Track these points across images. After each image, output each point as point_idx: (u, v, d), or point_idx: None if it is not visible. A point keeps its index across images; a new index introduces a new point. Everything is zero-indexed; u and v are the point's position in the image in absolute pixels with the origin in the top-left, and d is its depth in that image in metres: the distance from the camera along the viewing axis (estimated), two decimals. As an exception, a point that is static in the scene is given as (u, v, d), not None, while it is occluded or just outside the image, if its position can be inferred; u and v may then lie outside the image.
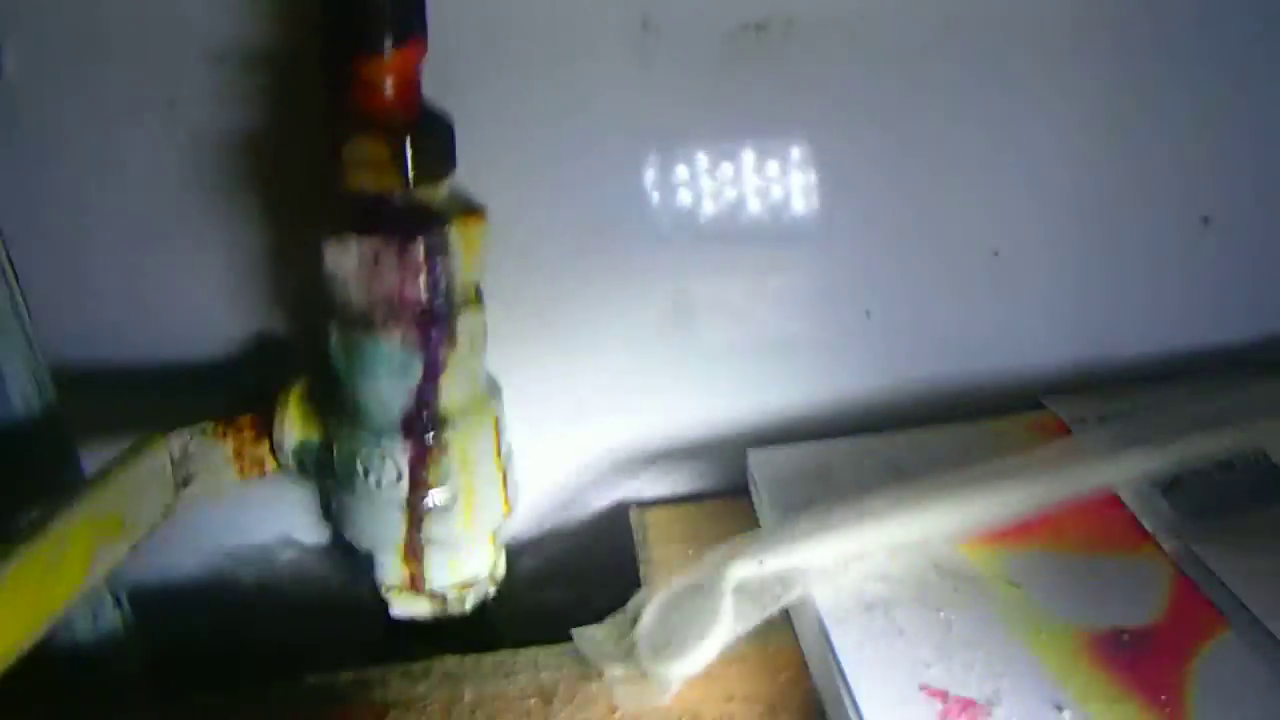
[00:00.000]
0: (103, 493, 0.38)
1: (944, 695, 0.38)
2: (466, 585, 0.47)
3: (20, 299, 0.43)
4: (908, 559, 0.44)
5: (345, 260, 0.40)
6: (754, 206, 0.50)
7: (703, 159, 0.48)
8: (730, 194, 0.49)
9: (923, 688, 0.39)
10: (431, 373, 0.42)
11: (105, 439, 0.45)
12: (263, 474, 0.45)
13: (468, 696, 0.42)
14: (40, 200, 0.45)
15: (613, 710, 0.42)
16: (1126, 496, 0.47)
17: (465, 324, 0.42)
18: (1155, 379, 0.55)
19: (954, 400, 0.54)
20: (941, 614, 0.42)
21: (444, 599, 0.47)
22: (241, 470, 0.45)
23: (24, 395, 0.43)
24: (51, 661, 0.46)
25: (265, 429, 0.45)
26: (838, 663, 0.40)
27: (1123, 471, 0.48)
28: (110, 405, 0.48)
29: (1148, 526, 0.45)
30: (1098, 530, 0.46)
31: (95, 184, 0.45)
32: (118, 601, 0.48)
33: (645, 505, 0.54)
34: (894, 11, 0.47)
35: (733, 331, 0.52)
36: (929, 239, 0.52)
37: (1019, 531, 0.45)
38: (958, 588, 0.43)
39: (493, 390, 0.46)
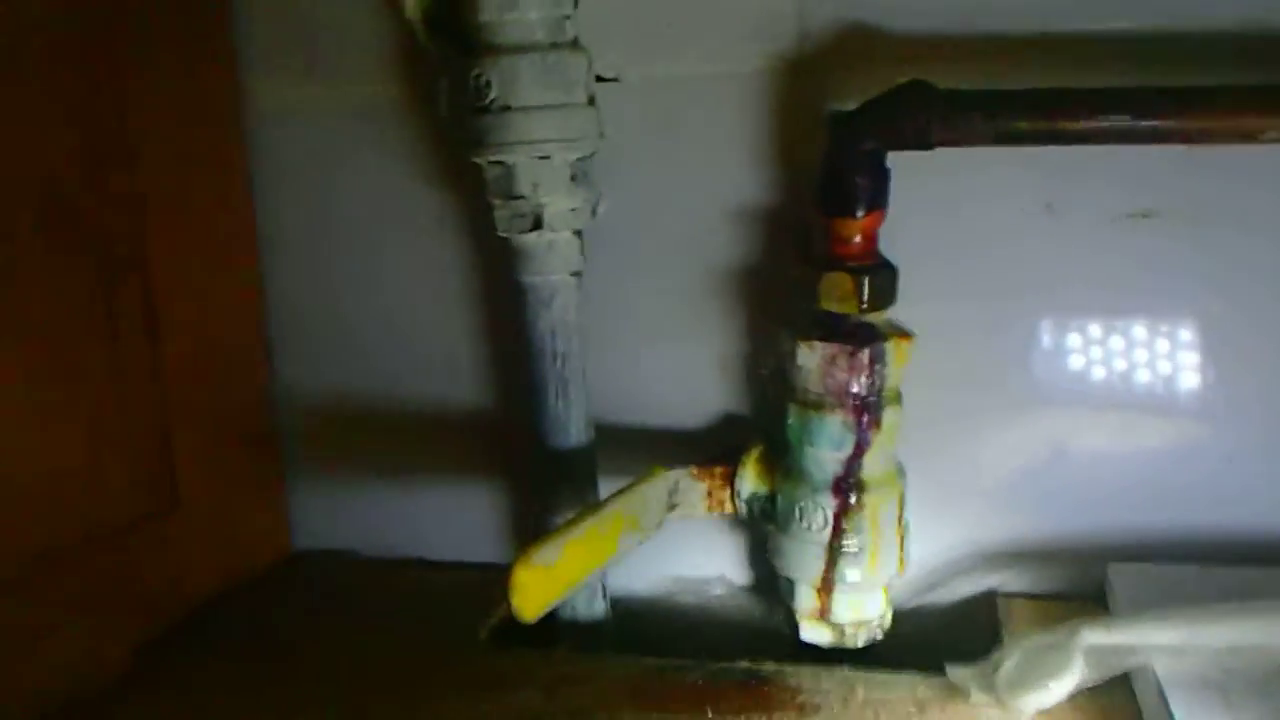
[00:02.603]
0: (632, 497, 0.56)
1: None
2: (861, 624, 0.60)
3: (584, 374, 0.64)
4: (1249, 657, 0.51)
5: (811, 358, 0.57)
6: (1137, 371, 0.62)
7: (1095, 328, 0.62)
8: (1118, 362, 0.62)
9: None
10: (859, 448, 0.57)
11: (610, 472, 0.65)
12: (723, 513, 0.62)
13: (861, 695, 0.54)
14: (603, 306, 0.66)
15: (972, 726, 0.53)
16: None
17: (888, 416, 0.57)
18: None
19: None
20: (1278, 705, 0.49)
21: (842, 631, 0.61)
22: (709, 507, 0.62)
23: (579, 435, 0.64)
24: (561, 622, 0.65)
25: (729, 479, 0.62)
26: (1174, 723, 0.48)
27: None
28: (615, 450, 0.68)
29: None
30: None
31: (632, 294, 0.66)
32: (605, 593, 0.67)
33: (1010, 596, 0.65)
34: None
35: (1101, 468, 0.63)
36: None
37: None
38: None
39: (900, 472, 0.60)
